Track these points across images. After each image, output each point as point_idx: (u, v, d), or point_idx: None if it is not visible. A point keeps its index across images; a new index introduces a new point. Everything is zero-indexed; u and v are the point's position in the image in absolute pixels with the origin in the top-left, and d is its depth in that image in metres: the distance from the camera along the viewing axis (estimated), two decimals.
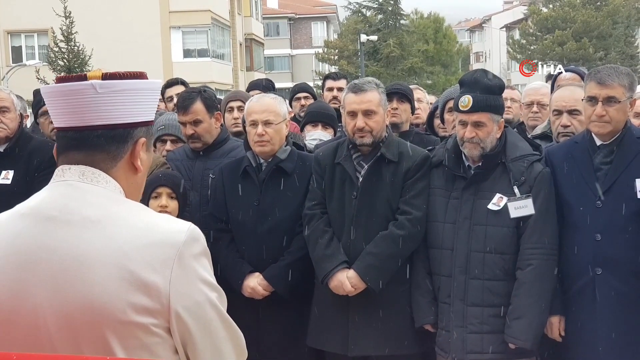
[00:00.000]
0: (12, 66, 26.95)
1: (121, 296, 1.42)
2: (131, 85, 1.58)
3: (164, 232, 1.50)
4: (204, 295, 1.51)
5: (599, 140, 3.38)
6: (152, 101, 1.65)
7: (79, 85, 1.55)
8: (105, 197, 1.53)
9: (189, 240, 1.50)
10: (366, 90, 3.57)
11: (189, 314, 1.48)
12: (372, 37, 37.06)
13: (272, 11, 53.45)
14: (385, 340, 3.54)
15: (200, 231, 1.56)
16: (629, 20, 40.21)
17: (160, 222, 1.53)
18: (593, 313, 3.30)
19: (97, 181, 1.54)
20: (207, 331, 1.52)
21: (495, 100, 3.39)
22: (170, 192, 3.60)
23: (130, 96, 1.57)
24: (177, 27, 31.23)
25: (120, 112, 1.56)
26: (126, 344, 1.43)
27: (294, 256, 3.68)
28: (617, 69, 3.35)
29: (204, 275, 1.52)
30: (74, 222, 1.48)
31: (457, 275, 3.40)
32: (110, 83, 1.56)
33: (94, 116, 1.55)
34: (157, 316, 1.45)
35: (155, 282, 1.44)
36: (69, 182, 1.54)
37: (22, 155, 4.17)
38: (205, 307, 1.51)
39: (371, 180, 3.58)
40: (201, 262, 1.53)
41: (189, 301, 1.48)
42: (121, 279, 1.43)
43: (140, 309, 1.43)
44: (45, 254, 1.46)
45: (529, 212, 3.33)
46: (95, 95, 1.54)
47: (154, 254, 1.46)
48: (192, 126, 4.04)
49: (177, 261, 1.47)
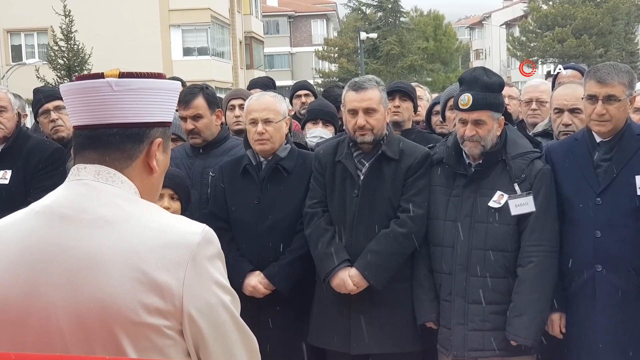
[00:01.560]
0: (11, 65, 26.94)
1: (134, 297, 1.41)
2: (148, 84, 1.56)
3: (179, 234, 1.48)
4: (217, 297, 1.49)
5: (598, 137, 3.38)
6: (169, 102, 1.63)
7: (95, 83, 1.54)
8: (120, 196, 1.51)
9: (204, 242, 1.49)
10: (366, 88, 3.57)
11: (202, 316, 1.46)
12: (372, 35, 37.07)
13: (271, 9, 53.42)
14: (387, 338, 3.54)
15: (215, 233, 1.55)
16: (629, 17, 40.17)
17: (175, 223, 1.52)
18: (593, 310, 3.30)
19: (113, 181, 1.53)
20: (220, 334, 1.50)
21: (495, 98, 3.39)
22: (172, 193, 3.59)
23: (146, 95, 1.56)
24: (177, 25, 31.21)
25: (136, 111, 1.55)
26: (138, 345, 1.42)
27: (295, 254, 3.67)
28: (617, 67, 3.34)
29: (218, 277, 1.51)
30: (88, 222, 1.47)
31: (458, 272, 3.40)
32: (126, 81, 1.54)
33: (109, 114, 1.54)
34: (169, 318, 1.44)
35: (168, 283, 1.43)
36: (84, 181, 1.53)
37: (20, 154, 4.16)
38: (218, 310, 1.49)
39: (372, 178, 3.58)
40: (215, 265, 1.51)
41: (202, 303, 1.46)
42: (134, 279, 1.41)
43: (153, 310, 1.42)
44: (58, 253, 1.45)
45: (529, 210, 3.33)
46: (111, 93, 1.53)
47: (168, 255, 1.44)
48: (193, 121, 4.04)
49: (190, 263, 1.45)
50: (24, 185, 4.03)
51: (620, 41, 39.54)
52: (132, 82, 1.55)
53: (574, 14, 39.37)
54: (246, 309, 3.68)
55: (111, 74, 1.55)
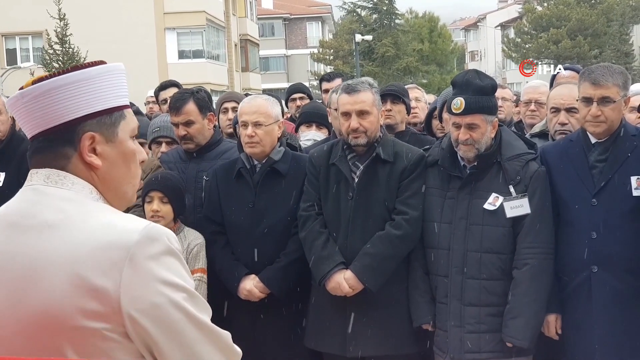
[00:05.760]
0: (6, 69, 26.87)
1: (72, 302, 1.39)
2: (56, 83, 1.49)
3: (116, 233, 1.43)
4: (164, 297, 1.43)
5: (594, 138, 3.38)
6: (96, 90, 1.52)
7: (12, 99, 1.53)
8: (67, 199, 1.48)
9: (144, 240, 1.42)
10: (359, 90, 3.56)
11: (146, 317, 1.41)
12: (367, 37, 37.09)
13: (266, 11, 53.41)
14: (383, 340, 3.53)
15: (165, 230, 1.48)
16: (623, 17, 40.26)
17: (117, 222, 1.46)
18: (589, 311, 3.29)
19: (62, 183, 1.50)
20: (174, 334, 1.44)
21: (488, 101, 3.37)
22: (162, 196, 3.58)
23: (57, 95, 1.49)
24: (172, 28, 31.20)
25: (50, 115, 1.50)
26: (81, 350, 1.40)
27: (290, 258, 3.66)
28: (611, 68, 3.34)
29: (165, 275, 1.43)
30: (33, 227, 1.45)
31: (454, 275, 3.39)
32: (30, 89, 1.50)
33: (30, 125, 1.52)
34: (109, 321, 1.40)
35: (104, 286, 1.39)
36: (34, 186, 1.52)
37: (14, 157, 4.15)
38: (166, 309, 1.43)
39: (367, 180, 3.57)
40: (163, 262, 1.44)
41: (145, 304, 1.41)
42: (72, 284, 1.39)
43: (91, 314, 1.39)
44: (5, 261, 1.44)
45: (524, 212, 3.32)
46: (23, 104, 1.51)
47: (104, 257, 1.40)
48: (185, 127, 3.99)
49: (128, 263, 1.40)
50: (18, 188, 4.00)
51: (615, 42, 39.65)
52: (34, 88, 1.49)
53: (568, 15, 39.47)
54: (242, 313, 3.69)
55: (27, 84, 1.51)
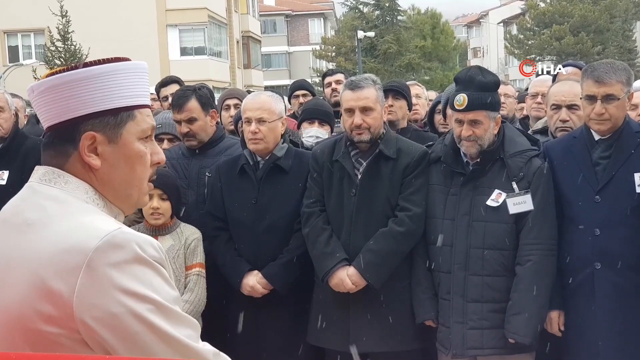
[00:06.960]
0: (8, 66, 26.87)
1: (31, 303, 1.37)
2: (63, 79, 1.48)
3: (81, 237, 1.38)
4: (123, 307, 1.35)
5: (597, 135, 3.37)
6: (99, 89, 1.48)
7: (28, 91, 1.54)
8: (52, 198, 1.46)
9: (105, 247, 1.36)
10: (363, 87, 3.56)
11: (102, 325, 1.35)
12: (370, 34, 37.00)
13: (268, 8, 53.38)
14: (386, 336, 3.54)
15: (137, 237, 1.41)
16: (626, 14, 40.15)
17: (89, 226, 1.41)
18: (592, 308, 3.30)
19: (55, 182, 1.49)
20: (133, 346, 1.37)
21: (491, 98, 3.37)
22: (161, 193, 3.59)
23: (60, 92, 1.48)
24: (174, 25, 31.17)
25: (55, 111, 1.49)
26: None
27: (293, 254, 3.67)
28: (614, 65, 3.33)
29: (127, 285, 1.36)
30: (15, 225, 1.45)
31: (457, 271, 3.39)
32: (36, 84, 1.50)
33: (42, 119, 1.53)
34: (63, 326, 1.36)
35: (60, 290, 1.35)
36: (30, 184, 1.52)
37: (18, 155, 4.15)
38: (125, 320, 1.36)
39: (370, 177, 3.57)
40: (126, 271, 1.37)
41: (100, 312, 1.35)
42: (32, 285, 1.37)
43: (47, 318, 1.36)
44: None
45: (527, 208, 3.32)
46: (34, 97, 1.52)
47: (64, 261, 1.36)
48: (187, 124, 3.99)
49: (85, 269, 1.35)
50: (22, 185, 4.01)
51: (617, 38, 39.53)
52: (41, 83, 1.49)
53: (571, 11, 39.35)
54: (245, 309, 3.69)
55: (44, 75, 1.51)
